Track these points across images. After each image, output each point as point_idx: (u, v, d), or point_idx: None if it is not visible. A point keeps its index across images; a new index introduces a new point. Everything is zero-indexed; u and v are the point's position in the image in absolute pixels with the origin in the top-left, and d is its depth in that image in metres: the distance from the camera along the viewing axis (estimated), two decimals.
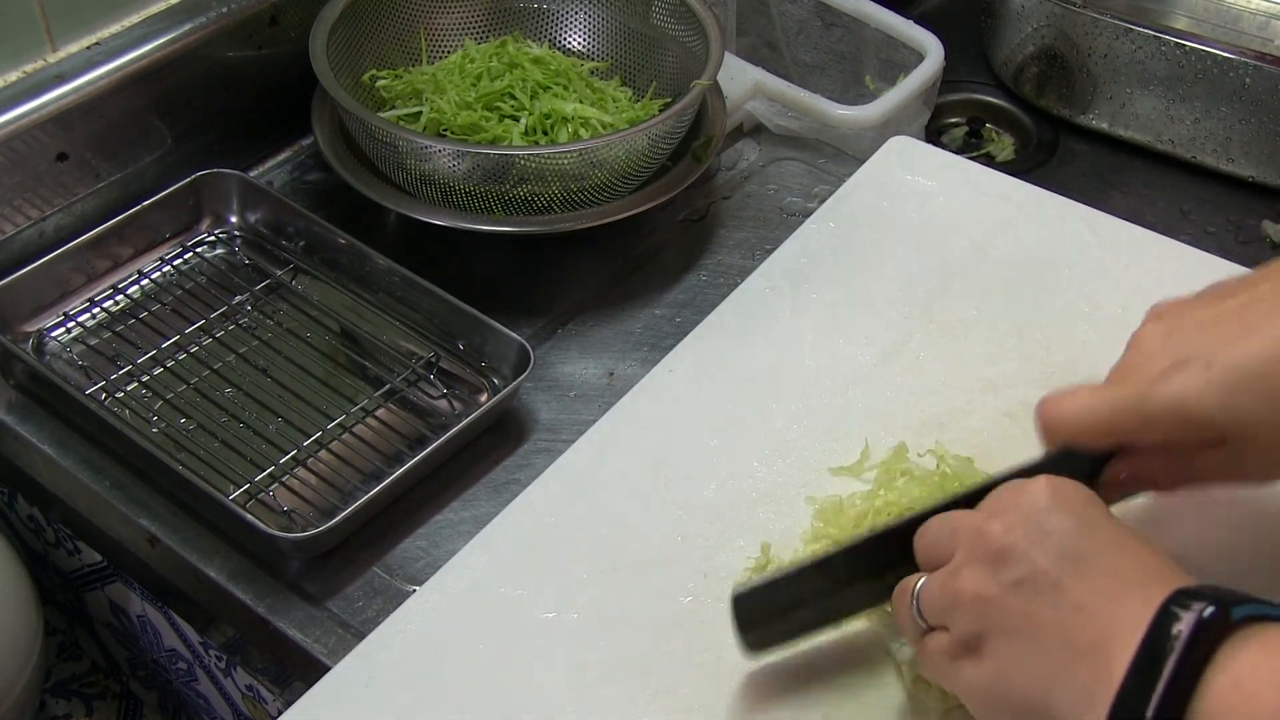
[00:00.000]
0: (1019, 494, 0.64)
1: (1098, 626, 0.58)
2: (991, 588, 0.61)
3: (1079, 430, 0.68)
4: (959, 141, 1.36)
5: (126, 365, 0.92)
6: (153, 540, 0.85)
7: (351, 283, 0.98)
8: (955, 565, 0.63)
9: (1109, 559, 0.60)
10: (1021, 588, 0.60)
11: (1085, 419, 0.68)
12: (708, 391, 0.89)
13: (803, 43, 1.27)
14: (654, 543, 0.80)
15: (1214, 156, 1.25)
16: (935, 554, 0.66)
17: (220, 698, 0.96)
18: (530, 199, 0.96)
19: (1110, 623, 0.58)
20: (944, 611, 0.64)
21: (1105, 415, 0.68)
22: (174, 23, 1.02)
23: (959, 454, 0.81)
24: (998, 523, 0.62)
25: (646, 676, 0.73)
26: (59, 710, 1.07)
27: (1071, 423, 0.69)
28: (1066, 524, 0.61)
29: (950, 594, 0.63)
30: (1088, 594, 0.59)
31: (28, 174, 0.96)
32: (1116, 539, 0.62)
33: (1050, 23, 1.28)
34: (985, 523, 0.63)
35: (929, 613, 0.65)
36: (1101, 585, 0.59)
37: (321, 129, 1.02)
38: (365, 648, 0.75)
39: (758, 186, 1.10)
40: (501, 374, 0.92)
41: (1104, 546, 0.61)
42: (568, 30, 1.13)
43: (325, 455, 0.87)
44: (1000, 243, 0.99)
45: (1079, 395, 0.69)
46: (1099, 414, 0.68)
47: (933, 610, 0.64)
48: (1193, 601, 0.55)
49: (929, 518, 0.68)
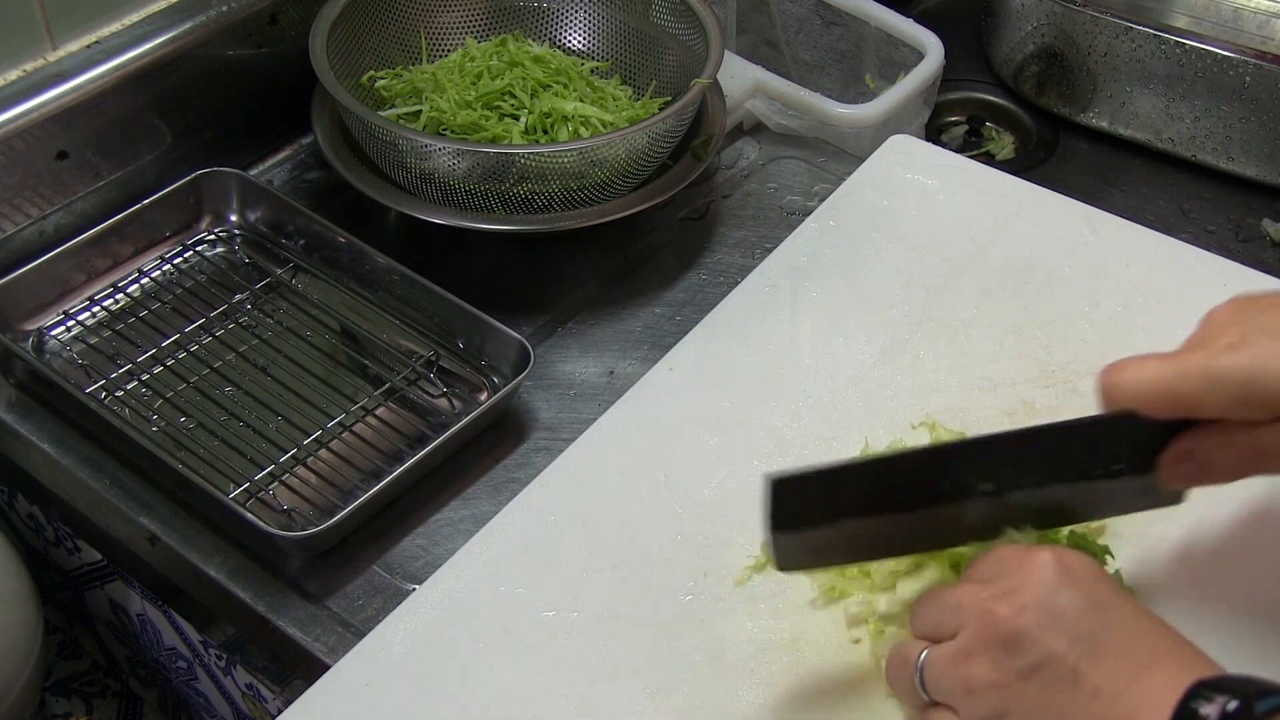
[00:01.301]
0: (1025, 568, 0.62)
1: (1118, 711, 0.57)
2: (1006, 675, 0.60)
3: (1141, 397, 0.65)
4: (959, 140, 1.36)
5: (126, 364, 0.92)
6: (153, 539, 0.85)
7: (351, 281, 0.98)
8: (964, 647, 0.62)
9: (1123, 639, 0.59)
10: (1037, 674, 0.59)
11: (1148, 385, 0.65)
12: (708, 390, 0.89)
13: (803, 41, 1.27)
14: (654, 541, 0.80)
15: (1214, 155, 1.25)
16: (938, 629, 0.64)
17: (220, 696, 0.96)
18: (530, 198, 0.96)
19: (1130, 708, 0.57)
20: (953, 694, 0.63)
21: (1171, 381, 0.64)
22: (174, 21, 1.02)
23: (950, 427, 0.82)
24: (1005, 605, 0.61)
25: (646, 675, 0.73)
26: (59, 709, 1.07)
27: (1134, 387, 0.65)
28: (1077, 604, 0.60)
29: (962, 680, 0.62)
30: (1105, 678, 0.58)
31: (28, 172, 0.96)
32: (1128, 617, 0.61)
33: (1050, 21, 1.28)
34: (992, 603, 0.61)
35: (935, 691, 0.64)
36: (1118, 668, 0.58)
37: (321, 127, 1.02)
38: (365, 646, 0.75)
39: (758, 185, 1.10)
40: (501, 373, 0.92)
41: (1116, 626, 0.60)
42: (568, 29, 1.13)
43: (325, 454, 0.87)
44: (1000, 241, 0.99)
45: (1144, 361, 0.66)
46: (1164, 380, 0.64)
47: (939, 690, 0.63)
48: (1215, 695, 0.55)
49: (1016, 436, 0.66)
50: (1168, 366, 0.65)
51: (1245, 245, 1.21)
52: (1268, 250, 1.21)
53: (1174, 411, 0.65)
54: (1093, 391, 0.87)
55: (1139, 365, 0.66)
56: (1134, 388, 0.65)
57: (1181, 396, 0.64)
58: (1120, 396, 0.66)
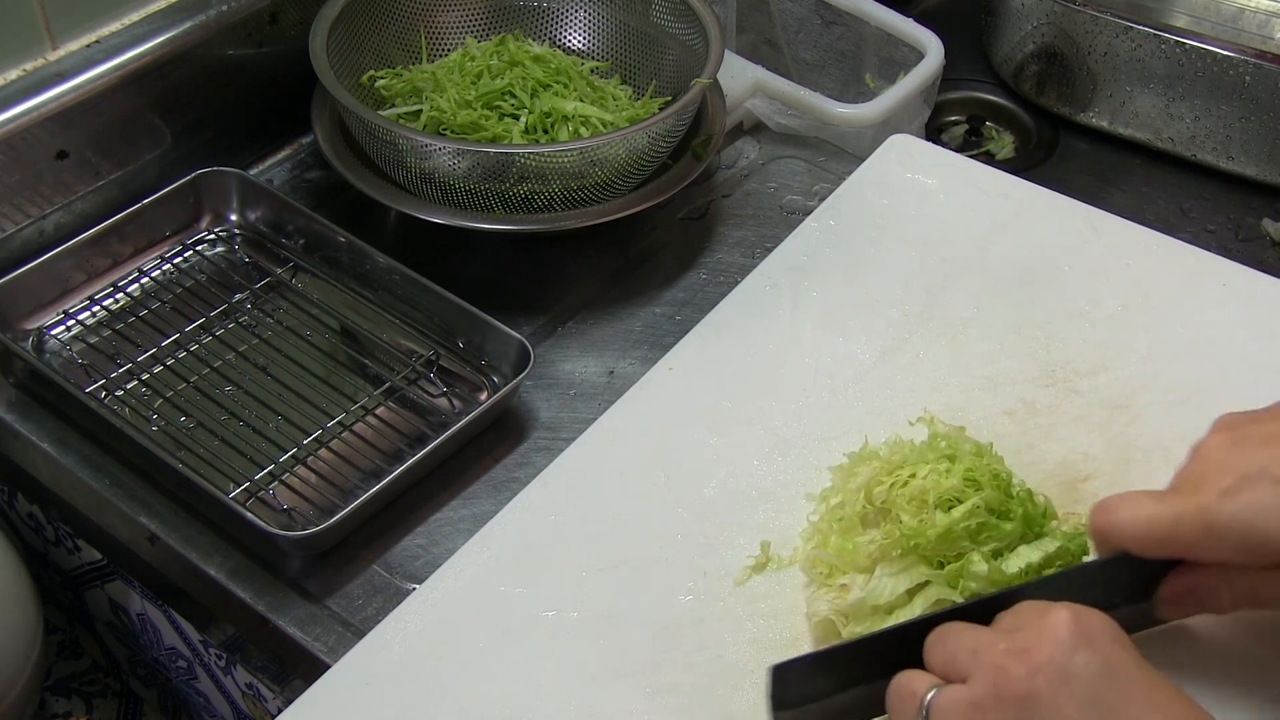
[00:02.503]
0: (1042, 625, 0.61)
1: None
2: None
3: (1137, 540, 0.66)
4: (959, 139, 1.36)
5: (126, 363, 0.92)
6: (153, 538, 0.85)
7: (351, 281, 0.98)
8: (976, 700, 0.61)
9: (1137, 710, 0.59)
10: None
11: (1144, 529, 0.65)
12: (708, 390, 0.89)
13: (803, 41, 1.27)
14: (654, 541, 0.80)
15: (1214, 154, 1.25)
16: (949, 669, 0.63)
17: (220, 696, 0.96)
18: (530, 197, 0.96)
19: None
20: None
21: (1166, 527, 0.65)
22: (174, 21, 1.02)
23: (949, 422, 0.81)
24: (1020, 663, 0.60)
25: (646, 675, 0.73)
26: (59, 708, 1.07)
27: (1129, 530, 0.66)
28: (1092, 668, 0.59)
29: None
30: None
31: (28, 172, 0.96)
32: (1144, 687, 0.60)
33: (1050, 21, 1.28)
34: (1007, 658, 0.61)
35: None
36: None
37: (321, 127, 1.02)
38: (365, 646, 0.75)
39: (758, 184, 1.10)
40: (501, 372, 0.92)
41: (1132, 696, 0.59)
42: (568, 28, 1.13)
43: (325, 453, 0.87)
44: (1000, 241, 0.99)
45: (1138, 502, 0.66)
46: (1159, 525, 0.65)
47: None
48: None
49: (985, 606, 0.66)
50: (1162, 509, 0.65)
51: (1245, 245, 1.21)
52: (1268, 250, 1.21)
53: (1170, 555, 0.66)
54: (1092, 391, 0.88)
55: (1133, 506, 0.66)
56: (1129, 530, 0.66)
57: (1178, 542, 0.65)
58: (1115, 539, 0.67)
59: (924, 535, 0.72)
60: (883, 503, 0.75)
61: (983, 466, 0.75)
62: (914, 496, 0.74)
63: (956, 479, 0.74)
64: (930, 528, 0.72)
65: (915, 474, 0.75)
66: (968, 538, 0.73)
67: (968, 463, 0.75)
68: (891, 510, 0.74)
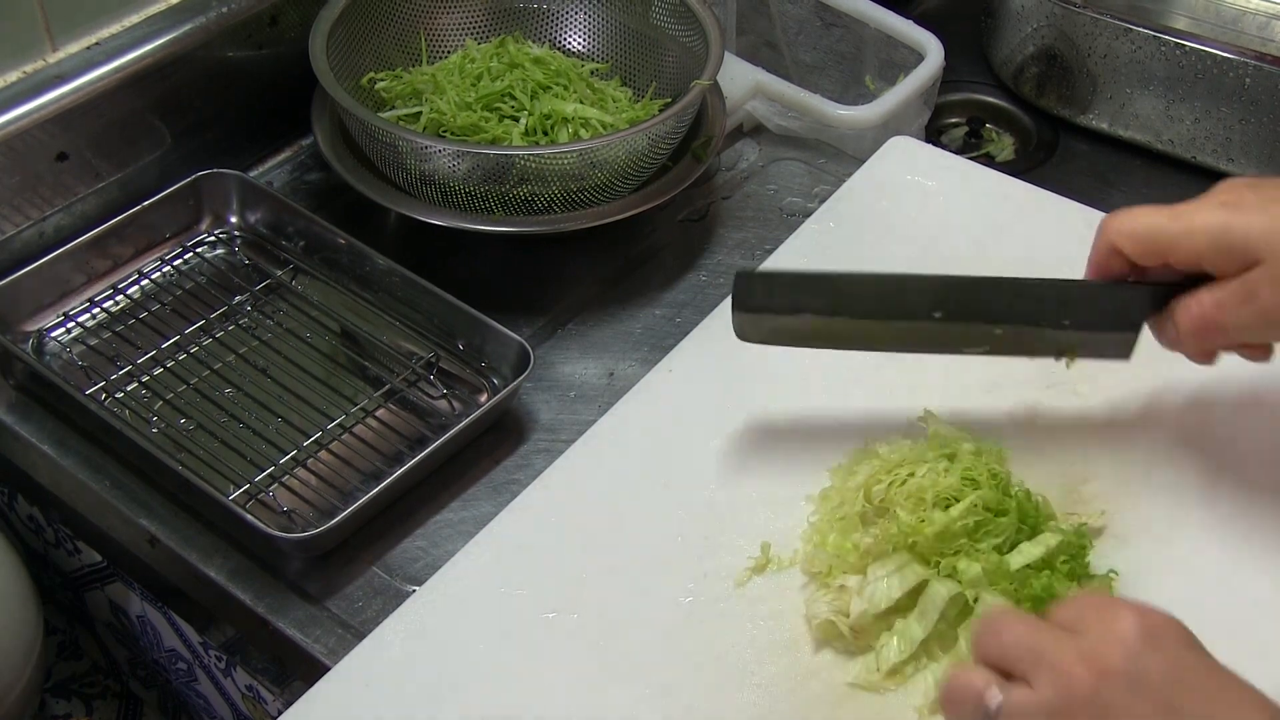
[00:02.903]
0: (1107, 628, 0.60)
1: None
2: None
3: (1123, 234, 0.74)
4: (959, 141, 1.36)
5: (126, 365, 0.92)
6: (153, 540, 0.85)
7: (351, 283, 0.98)
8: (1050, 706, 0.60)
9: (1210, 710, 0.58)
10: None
11: (1140, 227, 0.74)
12: (708, 392, 0.89)
13: (802, 43, 1.27)
14: (654, 543, 0.80)
15: (1214, 156, 1.25)
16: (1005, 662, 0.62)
17: (220, 697, 0.96)
18: (530, 199, 0.96)
19: None
20: None
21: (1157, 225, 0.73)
22: (174, 23, 1.02)
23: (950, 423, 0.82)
24: (1088, 668, 0.59)
25: (646, 676, 0.73)
26: (59, 710, 1.07)
27: (1126, 229, 0.74)
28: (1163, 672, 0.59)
29: None
30: None
31: (28, 174, 0.96)
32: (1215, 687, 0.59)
33: (1050, 23, 1.28)
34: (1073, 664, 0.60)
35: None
36: None
37: (321, 129, 1.02)
38: (365, 648, 0.75)
39: (758, 186, 1.10)
40: (501, 374, 0.92)
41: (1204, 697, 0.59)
42: (568, 30, 1.13)
43: (325, 455, 0.87)
44: (1000, 242, 0.99)
45: (1136, 210, 0.75)
46: (1146, 225, 0.74)
47: None
48: None
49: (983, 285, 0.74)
50: (1155, 213, 0.74)
51: None
52: None
53: (1153, 252, 0.74)
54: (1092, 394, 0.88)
55: (1131, 213, 0.75)
56: (1127, 228, 0.74)
57: (1163, 238, 0.73)
58: (1113, 236, 0.75)
59: (921, 533, 0.72)
60: (881, 501, 0.75)
61: (981, 466, 0.75)
62: (911, 494, 0.74)
63: (955, 478, 0.74)
64: (928, 525, 0.72)
65: (914, 473, 0.75)
66: (965, 535, 0.73)
67: (966, 462, 0.75)
68: (890, 509, 0.75)
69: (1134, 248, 0.74)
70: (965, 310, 0.75)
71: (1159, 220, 0.74)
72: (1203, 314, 0.73)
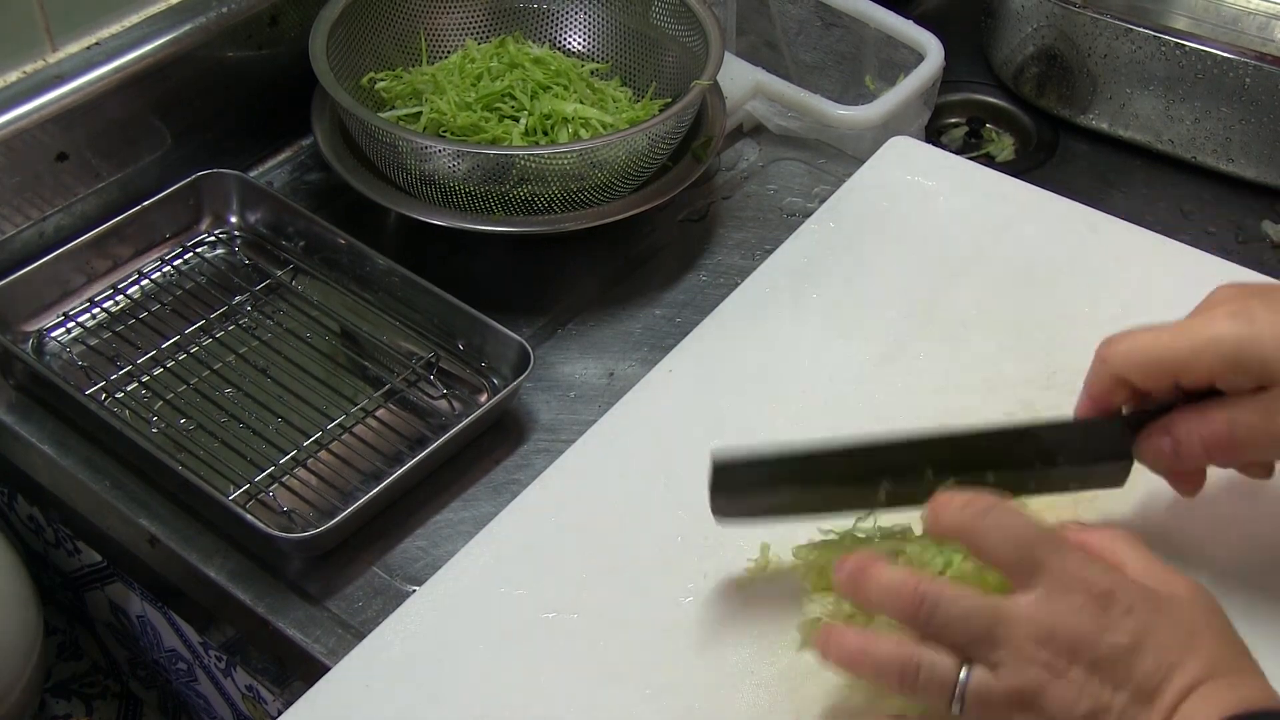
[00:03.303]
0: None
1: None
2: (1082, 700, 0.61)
3: (1133, 361, 0.71)
4: (959, 142, 1.36)
5: (126, 365, 0.92)
6: (153, 540, 0.85)
7: (351, 283, 0.98)
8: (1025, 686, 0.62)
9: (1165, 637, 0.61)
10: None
11: (1141, 349, 0.71)
12: (708, 391, 0.89)
13: (803, 43, 1.27)
14: (654, 543, 0.80)
15: (1214, 156, 1.25)
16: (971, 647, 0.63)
17: (220, 698, 0.96)
18: (530, 199, 0.96)
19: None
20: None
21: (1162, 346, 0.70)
22: (174, 23, 1.02)
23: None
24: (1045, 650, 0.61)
25: (646, 677, 0.73)
26: (59, 710, 1.07)
27: (1126, 353, 0.71)
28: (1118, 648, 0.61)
29: None
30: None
31: (28, 174, 0.96)
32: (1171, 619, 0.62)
33: (1050, 23, 1.28)
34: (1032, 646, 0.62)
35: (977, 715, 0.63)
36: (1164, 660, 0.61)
37: (321, 129, 1.02)
38: (365, 648, 0.75)
39: (758, 186, 1.10)
40: (501, 374, 0.92)
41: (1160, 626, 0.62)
42: (568, 30, 1.13)
43: (325, 455, 0.87)
44: (1000, 243, 0.99)
45: (1137, 333, 0.72)
46: (1156, 345, 0.70)
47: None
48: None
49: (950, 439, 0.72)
50: (1158, 333, 0.71)
51: (1245, 247, 1.21)
52: (1268, 252, 1.21)
53: (1162, 374, 0.70)
54: None
55: (1132, 336, 0.72)
56: (1126, 352, 0.71)
57: (1171, 359, 0.70)
58: (1114, 364, 0.72)
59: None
60: None
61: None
62: None
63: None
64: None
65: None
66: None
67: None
68: None
69: (1141, 374, 0.71)
70: (957, 465, 0.73)
71: (1162, 340, 0.70)
72: (1214, 433, 0.70)
